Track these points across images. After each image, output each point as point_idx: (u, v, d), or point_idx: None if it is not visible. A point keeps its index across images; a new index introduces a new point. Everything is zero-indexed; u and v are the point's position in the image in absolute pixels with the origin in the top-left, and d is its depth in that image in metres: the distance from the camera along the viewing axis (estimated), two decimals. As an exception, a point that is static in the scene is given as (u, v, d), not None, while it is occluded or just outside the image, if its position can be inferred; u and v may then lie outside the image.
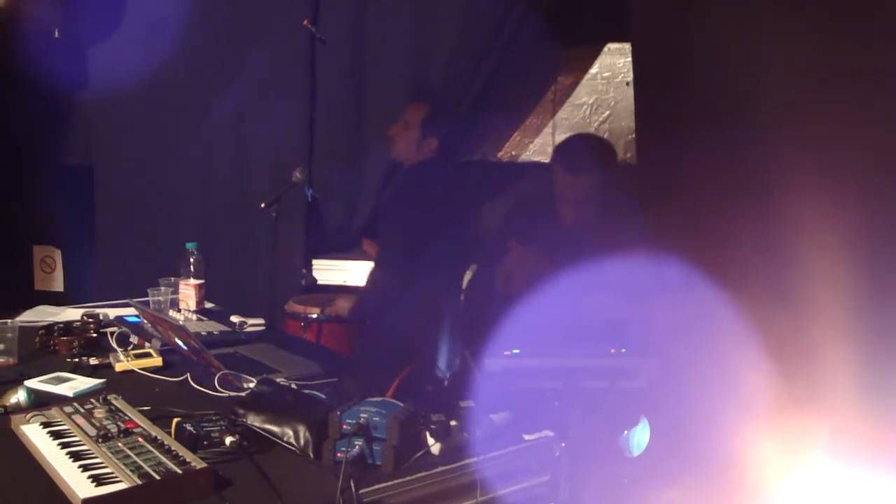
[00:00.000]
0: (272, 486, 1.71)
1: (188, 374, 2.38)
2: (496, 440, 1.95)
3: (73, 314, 3.01)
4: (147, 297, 3.01)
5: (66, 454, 1.76)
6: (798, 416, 2.21)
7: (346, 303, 3.69)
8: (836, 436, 2.17)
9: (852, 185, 2.13)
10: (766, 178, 2.29)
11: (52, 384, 2.27)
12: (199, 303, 3.18)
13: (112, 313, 3.01)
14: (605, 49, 4.26)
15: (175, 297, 3.14)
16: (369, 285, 3.69)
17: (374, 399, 1.93)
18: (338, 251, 4.23)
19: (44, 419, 1.95)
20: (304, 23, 4.08)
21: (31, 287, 4.74)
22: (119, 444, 1.79)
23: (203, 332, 2.83)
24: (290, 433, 1.90)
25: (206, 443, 1.84)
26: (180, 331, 2.49)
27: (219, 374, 2.32)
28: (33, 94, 4.35)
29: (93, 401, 2.04)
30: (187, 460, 1.71)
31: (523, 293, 2.85)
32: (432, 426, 1.89)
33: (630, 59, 3.99)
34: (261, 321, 3.08)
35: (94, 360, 2.50)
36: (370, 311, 3.66)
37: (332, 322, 3.68)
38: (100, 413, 1.96)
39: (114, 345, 2.65)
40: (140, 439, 1.82)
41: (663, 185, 2.65)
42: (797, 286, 2.21)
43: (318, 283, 4.18)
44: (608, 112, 4.30)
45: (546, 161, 4.16)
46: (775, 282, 2.28)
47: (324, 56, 4.17)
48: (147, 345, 2.64)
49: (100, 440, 1.81)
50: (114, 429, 1.86)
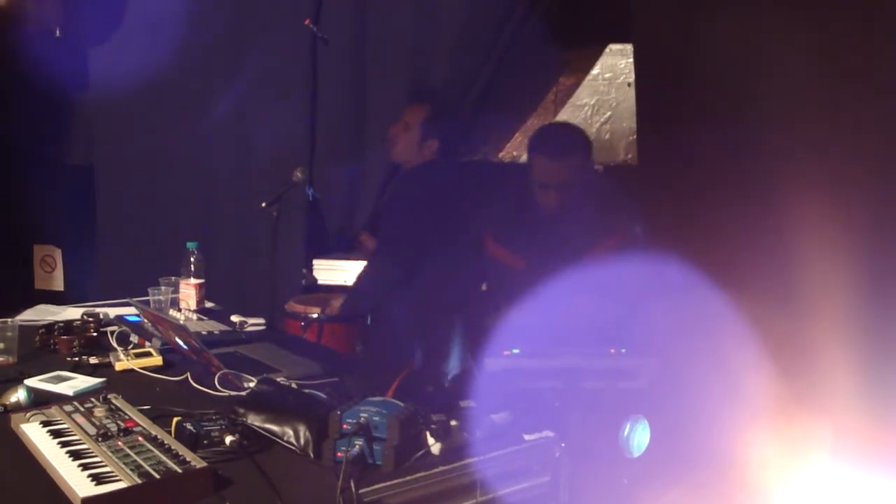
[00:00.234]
0: (272, 485, 1.71)
1: (188, 374, 2.38)
2: (496, 440, 1.95)
3: (73, 313, 3.01)
4: (147, 296, 3.01)
5: (66, 453, 1.76)
6: (799, 417, 2.21)
7: (339, 302, 3.69)
8: (837, 436, 2.17)
9: (853, 186, 2.13)
10: (766, 179, 2.29)
11: (52, 383, 2.27)
12: (200, 302, 3.18)
13: (112, 312, 3.01)
14: (607, 50, 4.27)
15: (175, 296, 3.13)
16: (359, 283, 3.69)
17: (374, 399, 1.93)
18: (338, 251, 4.23)
19: (44, 418, 1.95)
20: (306, 23, 4.08)
21: (31, 286, 4.75)
22: (119, 443, 1.79)
23: (203, 332, 2.83)
24: (291, 433, 1.90)
25: (206, 442, 1.84)
26: (181, 330, 2.49)
27: (219, 374, 2.31)
28: (34, 93, 4.36)
29: (93, 400, 2.04)
30: (187, 459, 1.71)
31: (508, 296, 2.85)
32: (432, 426, 1.88)
33: (631, 60, 4.01)
34: (261, 321, 3.08)
35: (94, 360, 2.50)
36: (361, 310, 3.66)
37: (333, 322, 3.67)
38: (100, 412, 1.96)
39: (114, 344, 2.65)
40: (140, 438, 1.81)
41: (664, 185, 2.65)
42: (798, 286, 2.21)
43: (319, 282, 4.18)
44: (609, 113, 4.30)
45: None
46: (776, 282, 2.28)
47: (325, 56, 4.17)
48: (147, 344, 2.64)
49: (100, 439, 1.81)
50: (114, 428, 1.86)
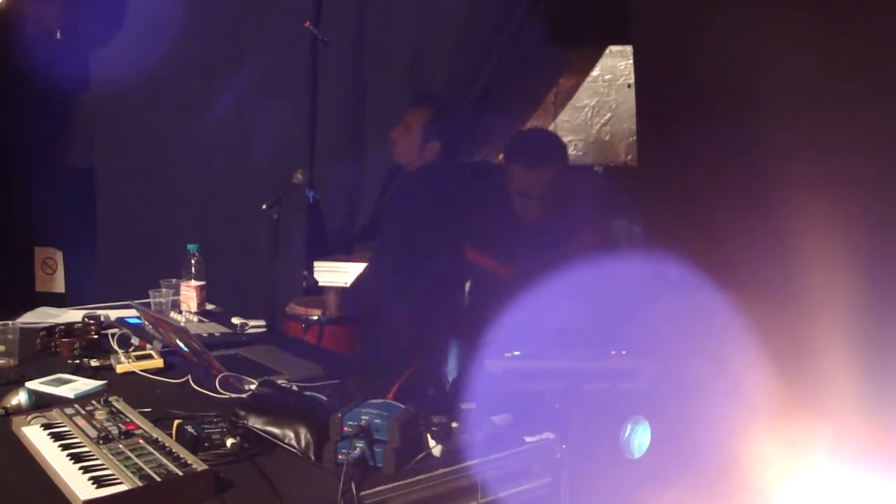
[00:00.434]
0: (273, 487, 1.71)
1: (189, 376, 2.38)
2: (497, 442, 1.95)
3: (74, 316, 3.01)
4: (148, 298, 3.01)
5: (67, 456, 1.76)
6: (799, 417, 2.21)
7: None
8: (837, 436, 2.17)
9: (853, 186, 2.13)
10: (766, 179, 2.29)
11: (52, 386, 2.27)
12: (201, 304, 3.18)
13: (113, 315, 3.01)
14: (607, 51, 4.27)
15: (176, 298, 3.13)
16: (357, 283, 3.69)
17: (375, 401, 1.93)
18: (339, 253, 4.23)
19: (45, 421, 1.95)
20: (306, 24, 4.08)
21: (32, 288, 4.76)
22: (120, 445, 1.79)
23: (204, 334, 2.83)
24: (292, 435, 1.90)
25: (206, 444, 1.84)
26: (181, 332, 2.49)
27: (220, 376, 2.31)
28: (35, 95, 4.36)
29: (94, 402, 2.04)
30: (188, 462, 1.71)
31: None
32: (433, 428, 1.88)
33: (631, 61, 4.00)
34: (262, 323, 3.08)
35: (95, 362, 2.50)
36: (357, 310, 3.66)
37: (334, 324, 3.68)
38: (101, 415, 1.96)
39: (115, 346, 2.65)
40: (141, 441, 1.82)
41: (664, 186, 2.65)
42: (798, 287, 2.20)
43: (320, 284, 4.18)
44: (609, 114, 4.30)
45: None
46: (777, 282, 2.28)
47: (325, 57, 4.17)
48: (148, 346, 2.64)
49: (101, 442, 1.81)
50: (115, 430, 1.86)
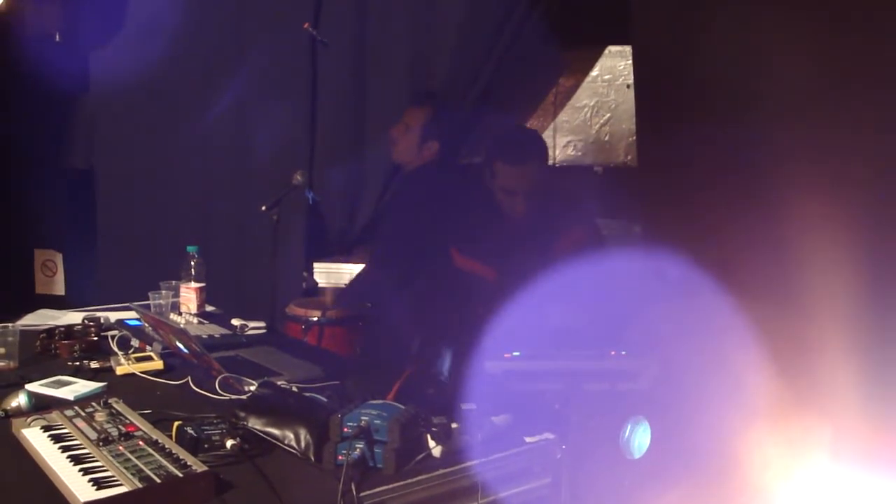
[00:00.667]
0: (273, 489, 1.71)
1: (189, 378, 2.38)
2: (497, 443, 1.95)
3: (74, 318, 3.01)
4: (148, 300, 3.01)
5: (67, 458, 1.76)
6: (799, 418, 2.21)
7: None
8: (837, 437, 2.17)
9: (853, 186, 2.13)
10: (766, 179, 2.29)
11: (52, 388, 2.27)
12: (200, 306, 3.18)
13: (113, 317, 3.01)
14: (606, 51, 4.27)
15: (176, 300, 3.13)
16: (355, 282, 3.69)
17: (375, 402, 1.93)
18: (338, 254, 4.23)
19: (45, 423, 1.95)
20: (305, 26, 4.08)
21: (32, 290, 4.75)
22: (120, 447, 1.79)
23: (204, 336, 2.83)
24: (291, 436, 1.90)
25: (206, 446, 1.84)
26: (181, 334, 2.49)
27: (220, 378, 2.31)
28: (35, 97, 4.36)
29: (94, 404, 2.04)
30: (188, 463, 1.71)
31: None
32: (433, 429, 1.88)
33: (630, 61, 4.00)
34: (262, 324, 3.08)
35: (94, 364, 2.49)
36: (355, 308, 3.67)
37: (334, 325, 3.68)
38: (101, 416, 1.96)
39: (115, 348, 2.65)
40: (141, 443, 1.81)
41: (664, 186, 2.65)
42: (798, 287, 2.20)
43: (319, 285, 4.18)
44: (609, 114, 4.30)
45: (548, 164, 4.15)
46: (777, 282, 2.28)
47: (325, 58, 4.17)
48: (148, 348, 2.64)
49: (101, 444, 1.81)
50: (115, 432, 1.86)
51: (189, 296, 3.16)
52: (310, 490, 1.75)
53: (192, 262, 3.15)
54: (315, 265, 4.18)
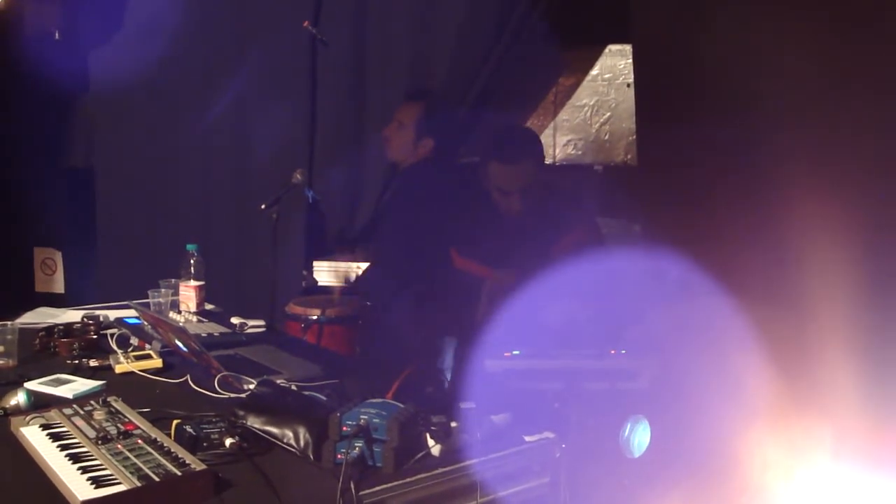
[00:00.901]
0: (272, 487, 1.70)
1: (188, 376, 2.38)
2: (496, 441, 1.95)
3: (73, 316, 3.01)
4: (147, 298, 3.00)
5: (66, 456, 1.76)
6: (800, 418, 2.21)
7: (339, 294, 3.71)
8: (838, 437, 2.17)
9: (853, 186, 2.13)
10: (766, 179, 2.29)
11: (51, 386, 2.27)
12: (200, 304, 3.17)
13: (112, 315, 3.01)
14: (606, 50, 4.27)
15: (175, 298, 3.13)
16: (362, 284, 3.70)
17: (374, 400, 1.93)
18: (338, 253, 4.22)
19: (43, 421, 1.95)
20: (305, 24, 4.08)
21: (31, 289, 4.75)
22: (118, 445, 1.79)
23: (203, 334, 2.82)
24: (290, 435, 1.90)
25: (205, 444, 1.83)
26: (180, 332, 2.48)
27: (219, 376, 2.31)
28: (34, 96, 4.36)
29: (92, 403, 2.04)
30: (187, 462, 1.71)
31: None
32: (433, 427, 1.88)
33: (631, 60, 4.00)
34: (261, 323, 3.08)
35: (93, 362, 2.49)
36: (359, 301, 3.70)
37: (333, 323, 3.67)
38: (99, 415, 1.95)
39: (114, 346, 2.65)
40: (139, 441, 1.81)
41: (664, 186, 2.65)
42: (799, 287, 2.20)
43: (319, 284, 4.18)
44: (609, 114, 4.30)
45: (548, 163, 4.15)
46: (777, 282, 2.28)
47: (325, 57, 4.17)
48: (147, 346, 2.64)
49: (99, 442, 1.80)
50: (113, 430, 1.86)
51: (188, 294, 3.15)
52: (309, 489, 1.75)
53: (192, 261, 3.15)
54: (315, 264, 4.18)
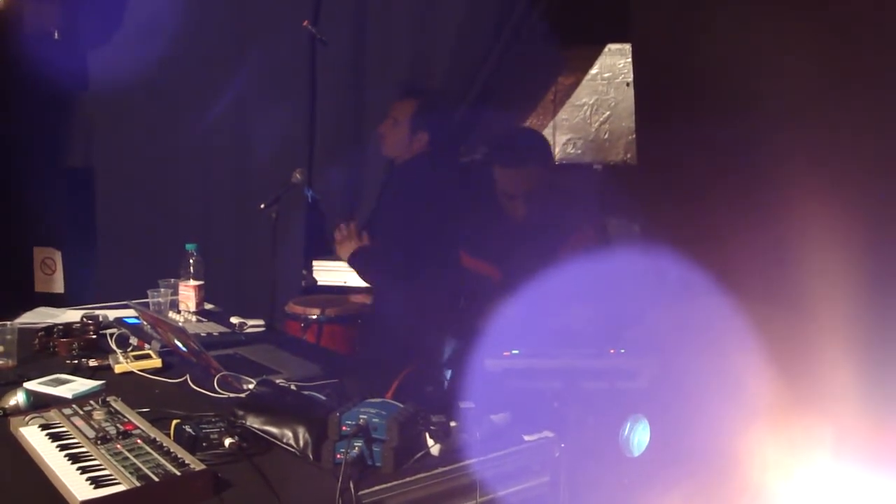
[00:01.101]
0: (271, 487, 1.70)
1: (187, 376, 2.38)
2: (496, 441, 1.95)
3: (72, 316, 3.01)
4: (147, 298, 3.00)
5: (65, 456, 1.75)
6: (800, 417, 2.21)
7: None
8: (838, 436, 2.17)
9: (853, 186, 2.13)
10: (766, 178, 2.29)
11: (51, 386, 2.27)
12: (199, 304, 3.17)
13: (112, 315, 3.00)
14: (606, 49, 4.26)
15: (175, 298, 3.13)
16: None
17: (373, 400, 1.93)
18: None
19: (43, 421, 1.95)
20: (305, 24, 4.08)
21: (31, 288, 4.74)
22: (118, 445, 1.79)
23: (202, 334, 2.82)
24: (290, 434, 1.89)
25: (205, 444, 1.83)
26: (180, 332, 2.48)
27: (218, 376, 2.31)
28: (34, 95, 4.35)
29: (92, 402, 2.04)
30: (186, 462, 1.71)
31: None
32: (432, 427, 1.88)
33: (630, 59, 4.00)
34: (260, 322, 3.08)
35: (93, 362, 2.49)
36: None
37: (332, 323, 3.68)
38: (99, 415, 1.95)
39: (113, 346, 2.65)
40: (139, 441, 1.81)
41: (663, 185, 2.65)
42: (799, 286, 2.20)
43: (319, 284, 4.18)
44: (608, 112, 4.30)
45: (551, 166, 4.14)
46: (777, 282, 2.28)
47: (324, 56, 4.17)
48: (146, 346, 2.64)
49: (98, 442, 1.80)
50: (113, 430, 1.86)
51: (188, 294, 3.15)
52: (308, 489, 1.75)
53: (191, 261, 3.15)
54: (314, 263, 4.18)
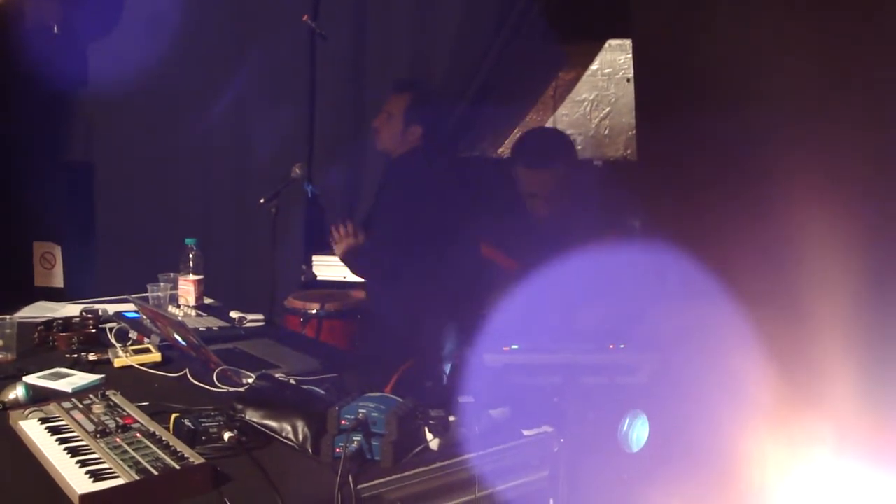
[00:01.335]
0: (270, 481, 1.70)
1: (187, 370, 2.38)
2: (495, 436, 1.95)
3: (72, 310, 3.01)
4: (146, 292, 3.00)
5: (64, 450, 1.76)
6: (800, 415, 2.21)
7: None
8: (839, 434, 2.17)
9: (853, 184, 2.13)
10: (766, 176, 2.28)
11: (50, 380, 2.27)
12: (199, 298, 3.17)
13: (111, 309, 3.00)
14: (606, 45, 4.26)
15: (174, 292, 3.13)
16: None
17: (372, 394, 1.93)
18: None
19: (42, 415, 1.95)
20: (305, 18, 4.08)
21: (31, 283, 4.74)
22: (117, 439, 1.79)
23: (202, 328, 2.83)
24: (289, 429, 1.90)
25: (204, 438, 1.83)
26: (179, 326, 2.48)
27: (218, 370, 2.31)
28: (33, 91, 4.35)
29: (91, 396, 2.04)
30: (185, 456, 1.71)
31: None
32: (431, 422, 1.88)
33: (630, 55, 4.00)
34: (260, 317, 3.08)
35: (92, 356, 2.49)
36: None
37: (332, 318, 3.68)
38: (98, 409, 1.96)
39: (113, 340, 2.65)
40: (138, 435, 1.81)
41: (663, 181, 2.64)
42: (799, 284, 2.20)
43: (318, 278, 4.18)
44: (609, 108, 4.29)
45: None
46: (777, 281, 2.27)
47: (324, 51, 4.17)
48: (146, 340, 2.64)
49: (98, 436, 1.80)
50: (112, 424, 1.86)
51: (187, 288, 3.15)
52: (307, 483, 1.75)
53: (191, 255, 3.14)
54: (314, 258, 4.19)
